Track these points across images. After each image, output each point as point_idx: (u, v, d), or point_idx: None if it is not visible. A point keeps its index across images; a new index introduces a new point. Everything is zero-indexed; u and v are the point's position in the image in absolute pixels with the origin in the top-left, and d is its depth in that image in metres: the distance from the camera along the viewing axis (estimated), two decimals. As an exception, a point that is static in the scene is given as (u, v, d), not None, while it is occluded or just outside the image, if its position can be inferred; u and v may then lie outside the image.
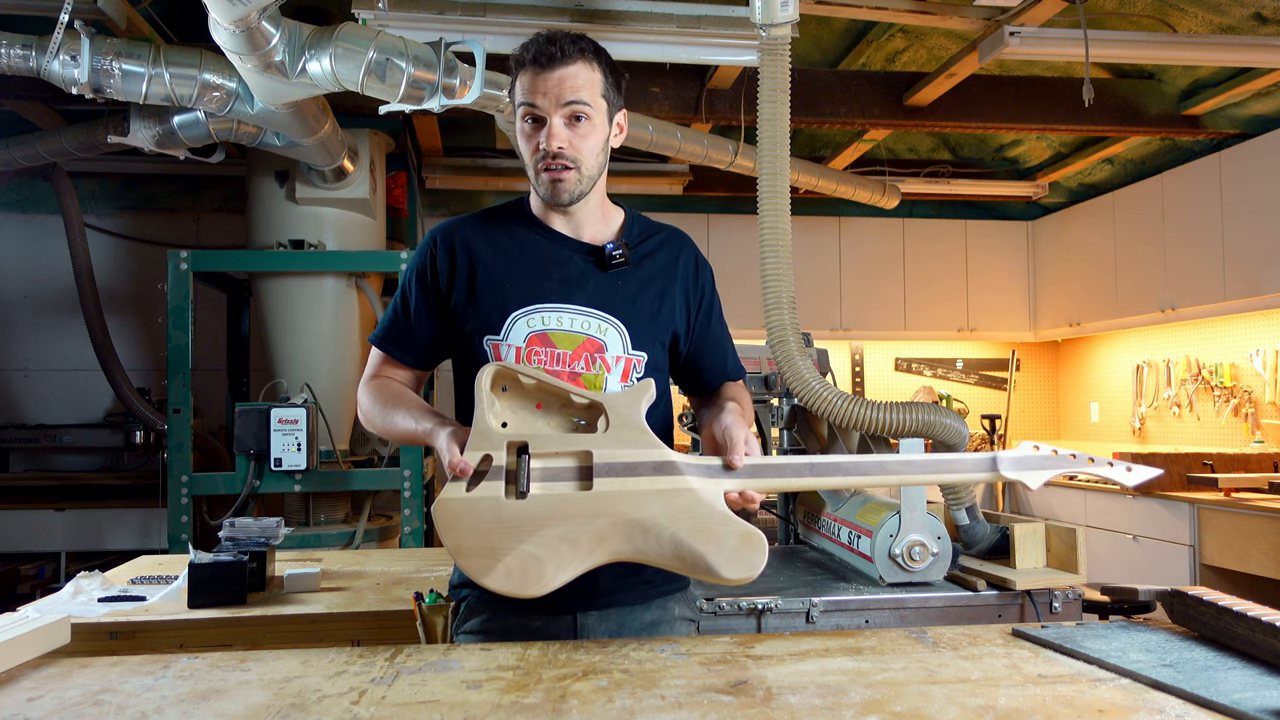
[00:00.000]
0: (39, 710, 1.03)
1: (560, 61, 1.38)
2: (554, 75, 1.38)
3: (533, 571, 1.21)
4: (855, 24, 4.45)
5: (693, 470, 1.28)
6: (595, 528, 1.23)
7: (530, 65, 1.39)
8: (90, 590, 2.01)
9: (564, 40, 1.39)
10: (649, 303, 1.48)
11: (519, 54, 1.41)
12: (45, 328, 5.44)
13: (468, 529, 1.23)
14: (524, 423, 1.31)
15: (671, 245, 1.56)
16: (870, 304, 6.08)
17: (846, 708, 1.03)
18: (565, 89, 1.38)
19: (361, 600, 2.04)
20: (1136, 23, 3.98)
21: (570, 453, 1.28)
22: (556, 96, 1.38)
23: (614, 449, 1.27)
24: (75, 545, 4.85)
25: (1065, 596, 2.00)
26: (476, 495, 1.24)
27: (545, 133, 1.39)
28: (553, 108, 1.39)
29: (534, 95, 1.39)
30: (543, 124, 1.40)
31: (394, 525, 4.19)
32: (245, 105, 3.24)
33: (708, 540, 1.24)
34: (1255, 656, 1.16)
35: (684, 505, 1.25)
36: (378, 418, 1.47)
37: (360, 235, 4.39)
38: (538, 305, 1.43)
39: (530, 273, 1.46)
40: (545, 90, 1.38)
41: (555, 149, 1.39)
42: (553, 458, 1.27)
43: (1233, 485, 4.11)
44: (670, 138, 4.17)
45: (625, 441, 1.28)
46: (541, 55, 1.38)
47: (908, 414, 2.13)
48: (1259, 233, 4.37)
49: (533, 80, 1.39)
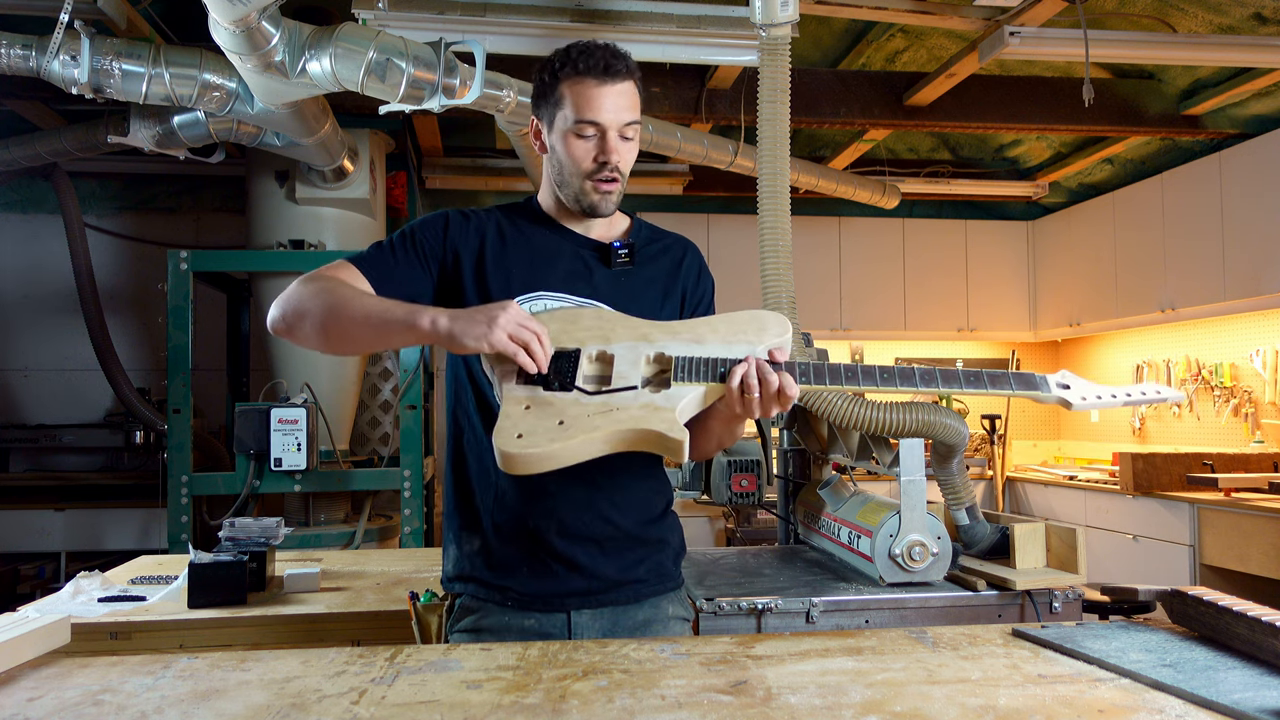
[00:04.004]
0: (39, 710, 1.03)
1: (620, 77, 1.41)
2: (614, 91, 1.41)
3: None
4: (855, 24, 4.45)
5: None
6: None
7: (588, 76, 1.40)
8: (90, 590, 2.01)
9: (617, 56, 1.42)
10: (650, 302, 1.49)
11: (570, 60, 1.41)
12: (45, 328, 5.44)
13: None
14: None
15: (676, 250, 1.57)
16: (870, 304, 6.08)
17: (846, 708, 1.03)
18: (625, 107, 1.42)
19: (361, 600, 2.04)
20: (1136, 23, 3.98)
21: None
22: (617, 113, 1.41)
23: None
24: (75, 545, 4.85)
25: (1065, 596, 2.00)
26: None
27: (606, 146, 1.42)
28: (613, 123, 1.41)
29: (595, 109, 1.40)
30: (599, 135, 1.42)
31: (394, 525, 4.19)
32: (245, 105, 3.24)
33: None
34: (1255, 656, 1.16)
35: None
36: (319, 297, 1.33)
37: (360, 235, 4.39)
38: (541, 293, 1.45)
39: (536, 261, 1.47)
40: (607, 105, 1.40)
41: (616, 161, 1.43)
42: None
43: (1233, 485, 4.11)
44: (670, 138, 4.18)
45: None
46: (599, 67, 1.40)
47: (908, 414, 2.13)
48: (1259, 233, 4.37)
49: (594, 94, 1.40)
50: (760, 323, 1.36)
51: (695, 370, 1.29)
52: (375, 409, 4.81)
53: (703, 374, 1.28)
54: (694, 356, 1.30)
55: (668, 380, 1.28)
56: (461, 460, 1.49)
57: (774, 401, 1.27)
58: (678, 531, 1.57)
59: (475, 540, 1.46)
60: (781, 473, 2.77)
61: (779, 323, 1.36)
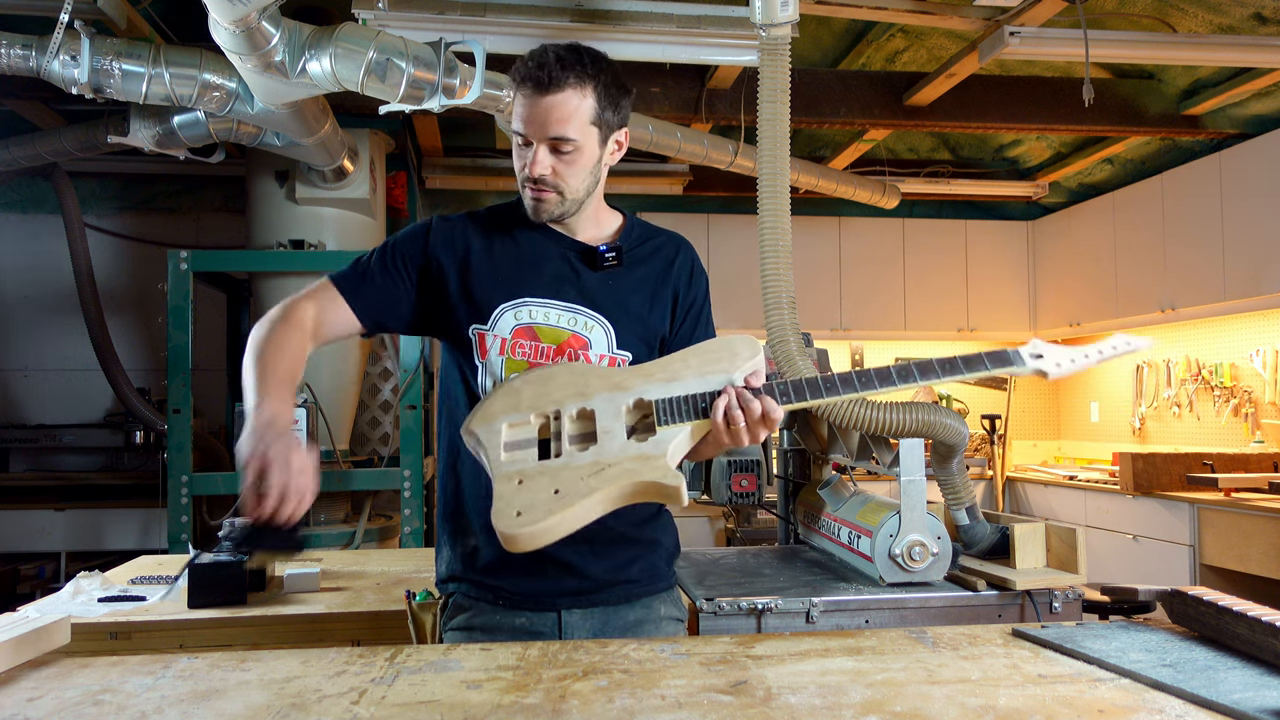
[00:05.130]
0: (39, 710, 1.03)
1: (549, 89, 1.35)
2: (542, 104, 1.36)
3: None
4: (855, 24, 4.45)
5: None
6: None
7: (524, 85, 1.37)
8: (90, 590, 2.01)
9: (554, 65, 1.35)
10: (639, 304, 1.48)
11: (517, 67, 1.39)
12: (45, 328, 5.44)
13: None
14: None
15: (668, 249, 1.55)
16: (870, 304, 6.08)
17: (846, 708, 1.03)
18: (551, 121, 1.36)
19: (361, 600, 2.04)
20: (1136, 23, 3.98)
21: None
22: (541, 127, 1.37)
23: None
24: (75, 545, 4.84)
25: (1065, 596, 2.00)
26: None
27: (531, 158, 1.39)
28: (538, 137, 1.38)
29: (522, 121, 1.38)
30: (526, 147, 1.40)
31: (394, 525, 4.19)
32: (245, 105, 3.24)
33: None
34: (1255, 656, 1.16)
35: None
36: (252, 343, 1.35)
37: (360, 235, 4.39)
38: (526, 299, 1.44)
39: (521, 267, 1.46)
40: (532, 119, 1.37)
41: (537, 175, 1.39)
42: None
43: (1233, 485, 4.11)
44: (670, 138, 4.18)
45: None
46: (530, 79, 1.35)
47: (908, 414, 2.13)
48: (1259, 233, 4.37)
49: (523, 105, 1.37)
50: (731, 349, 1.34)
51: (677, 411, 1.29)
52: (375, 409, 4.81)
53: (685, 413, 1.29)
54: (673, 397, 1.30)
55: (652, 425, 1.28)
56: (455, 461, 1.49)
57: (760, 426, 1.28)
58: (672, 532, 1.57)
59: (468, 540, 1.47)
60: (781, 473, 2.77)
61: (749, 346, 1.35)
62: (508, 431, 1.30)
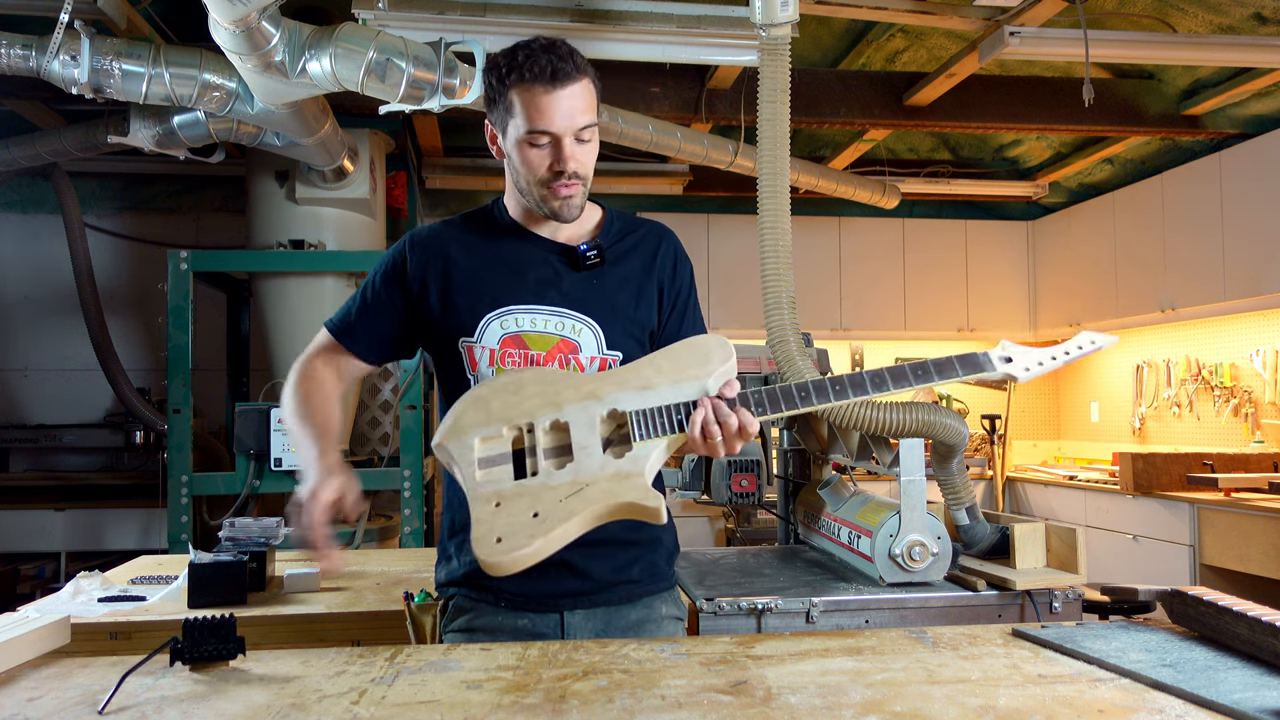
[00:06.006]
0: (39, 710, 1.04)
1: (568, 80, 1.33)
2: (565, 94, 1.33)
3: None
4: (855, 24, 4.45)
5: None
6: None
7: (536, 83, 1.33)
8: (90, 590, 2.01)
9: (567, 57, 1.34)
10: (625, 301, 1.46)
11: (516, 66, 1.34)
12: (45, 328, 5.44)
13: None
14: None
15: (650, 241, 1.52)
16: (870, 304, 6.08)
17: (846, 708, 1.03)
18: (578, 110, 1.35)
19: (361, 600, 2.04)
20: (1136, 23, 3.98)
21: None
22: (569, 118, 1.34)
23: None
24: (75, 545, 4.84)
25: (1065, 596, 2.00)
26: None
27: (561, 154, 1.36)
28: (566, 129, 1.35)
29: (547, 118, 1.34)
30: (552, 144, 1.36)
31: (394, 525, 4.18)
32: (245, 105, 3.24)
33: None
34: (1255, 656, 1.16)
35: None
36: (290, 409, 1.46)
37: (360, 235, 4.39)
38: (511, 307, 1.42)
39: (504, 275, 1.45)
40: (558, 113, 1.33)
41: (574, 169, 1.37)
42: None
43: (1233, 485, 4.11)
44: (670, 138, 4.17)
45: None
46: (546, 74, 1.32)
47: (908, 414, 2.13)
48: (1259, 233, 4.37)
49: (542, 102, 1.33)
50: (703, 352, 1.33)
51: (653, 425, 1.28)
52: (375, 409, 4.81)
53: (661, 427, 1.28)
54: (648, 408, 1.29)
55: (628, 436, 1.28)
56: None
57: (736, 439, 1.28)
58: (671, 531, 1.56)
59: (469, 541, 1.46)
60: (781, 473, 2.77)
61: (721, 348, 1.34)
62: (480, 446, 1.28)
